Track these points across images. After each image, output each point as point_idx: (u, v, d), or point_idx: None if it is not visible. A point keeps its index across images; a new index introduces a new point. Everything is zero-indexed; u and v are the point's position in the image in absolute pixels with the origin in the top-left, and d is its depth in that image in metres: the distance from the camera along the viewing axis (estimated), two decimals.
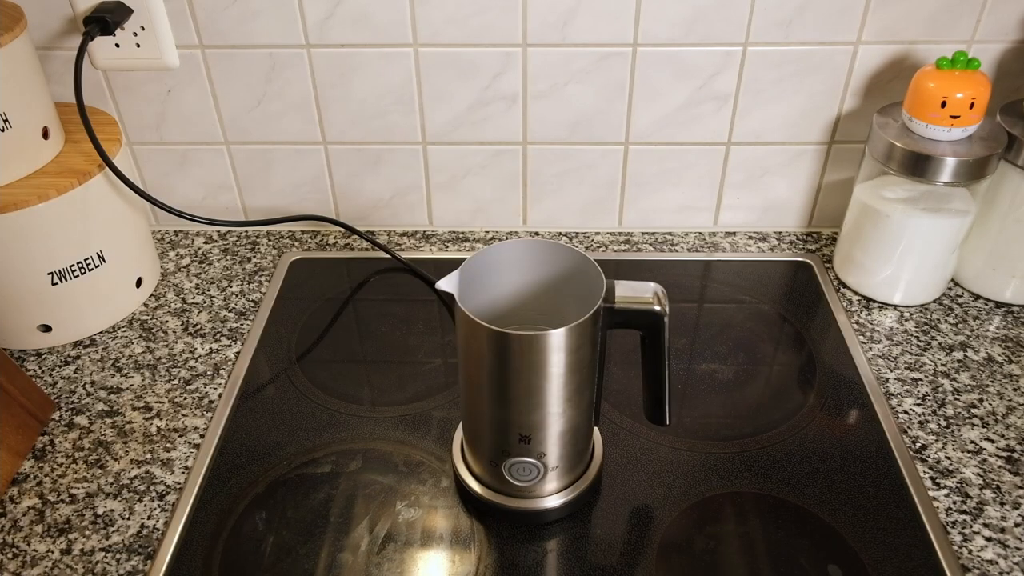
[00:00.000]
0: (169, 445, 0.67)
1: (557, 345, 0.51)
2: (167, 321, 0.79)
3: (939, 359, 0.74)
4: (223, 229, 0.92)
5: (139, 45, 0.78)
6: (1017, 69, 0.78)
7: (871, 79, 0.79)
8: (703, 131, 0.83)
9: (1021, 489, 0.62)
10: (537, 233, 0.91)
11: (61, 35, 0.79)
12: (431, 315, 0.80)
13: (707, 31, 0.77)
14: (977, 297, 0.81)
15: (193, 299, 0.82)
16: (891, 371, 0.73)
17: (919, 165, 0.71)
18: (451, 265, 0.53)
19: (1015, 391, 0.71)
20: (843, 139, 0.83)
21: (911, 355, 0.74)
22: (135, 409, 0.70)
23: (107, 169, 0.73)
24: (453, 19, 0.76)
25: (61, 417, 0.70)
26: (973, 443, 0.66)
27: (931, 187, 0.73)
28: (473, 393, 0.56)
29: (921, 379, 0.72)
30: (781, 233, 0.90)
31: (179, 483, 0.64)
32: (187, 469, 0.65)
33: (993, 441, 0.66)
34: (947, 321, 0.78)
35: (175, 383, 0.73)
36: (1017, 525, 0.60)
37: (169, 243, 0.90)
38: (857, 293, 0.82)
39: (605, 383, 0.63)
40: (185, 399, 0.71)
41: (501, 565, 0.58)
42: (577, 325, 0.50)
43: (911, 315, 0.79)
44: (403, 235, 0.91)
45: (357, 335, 0.78)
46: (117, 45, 0.78)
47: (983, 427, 0.67)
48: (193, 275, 0.86)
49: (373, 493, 0.63)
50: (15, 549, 0.59)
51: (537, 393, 0.53)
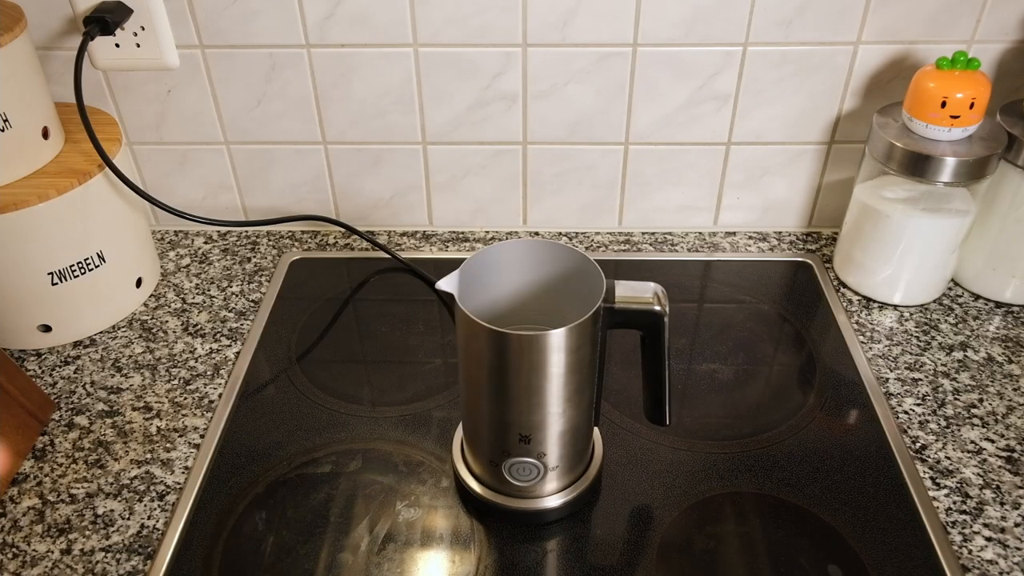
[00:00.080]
0: (169, 445, 0.67)
1: (557, 345, 0.51)
2: (167, 321, 0.79)
3: (939, 359, 0.74)
4: (223, 229, 0.92)
5: (139, 45, 0.78)
6: (1017, 69, 0.78)
7: (871, 79, 0.79)
8: (703, 131, 0.83)
9: (1021, 489, 0.62)
10: (537, 233, 0.91)
11: (61, 35, 0.79)
12: (431, 315, 0.80)
13: (707, 31, 0.77)
14: (977, 297, 0.81)
15: (193, 299, 0.82)
16: (891, 371, 0.73)
17: (919, 165, 0.71)
18: (451, 265, 0.53)
19: (1015, 391, 0.71)
20: (843, 139, 0.83)
21: (911, 355, 0.74)
22: (135, 409, 0.70)
23: (107, 169, 0.73)
24: (453, 19, 0.76)
25: (61, 417, 0.70)
26: (973, 443, 0.66)
27: (931, 187, 0.73)
28: (473, 393, 0.56)
29: (921, 379, 0.72)
30: (781, 233, 0.90)
31: (179, 483, 0.64)
32: (187, 469, 0.65)
33: (993, 441, 0.66)
34: (947, 321, 0.78)
35: (175, 383, 0.73)
36: (1017, 525, 0.60)
37: (169, 243, 0.90)
38: (857, 293, 0.82)
39: (605, 383, 0.63)
40: (185, 399, 0.71)
41: (501, 565, 0.58)
42: (577, 325, 0.50)
43: (911, 315, 0.79)
44: (403, 235, 0.91)
45: (357, 335, 0.78)
46: (117, 45, 0.78)
47: (983, 427, 0.67)
48: (193, 275, 0.86)
49: (373, 493, 0.63)
50: (15, 549, 0.59)
51: (537, 393, 0.53)
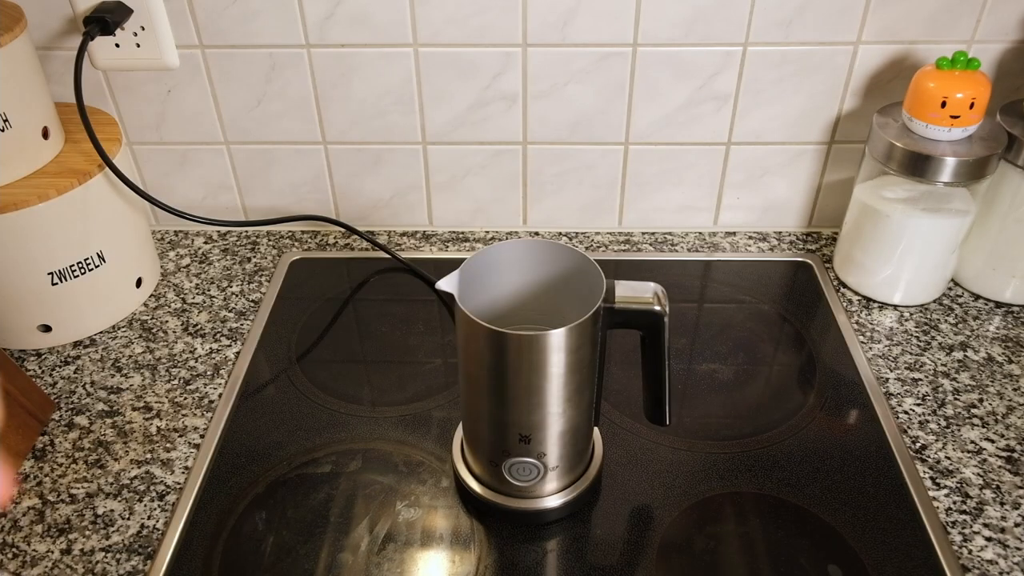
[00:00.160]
0: (169, 445, 0.67)
1: (557, 345, 0.51)
2: (167, 321, 0.79)
3: (939, 359, 0.74)
4: (223, 229, 0.92)
5: (139, 45, 0.78)
6: (1017, 69, 0.78)
7: (871, 79, 0.79)
8: (703, 131, 0.83)
9: (1021, 489, 0.62)
10: (537, 233, 0.91)
11: (61, 35, 0.79)
12: (431, 315, 0.80)
13: (707, 31, 0.77)
14: (977, 297, 0.81)
15: (193, 299, 0.82)
16: (891, 371, 0.73)
17: (919, 165, 0.71)
18: (451, 265, 0.53)
19: (1015, 391, 0.71)
20: (843, 139, 0.83)
21: (911, 355, 0.74)
22: (135, 409, 0.70)
23: (107, 169, 0.73)
24: (453, 19, 0.76)
25: (61, 417, 0.70)
26: (973, 443, 0.66)
27: (931, 187, 0.73)
28: (473, 393, 0.56)
29: (921, 379, 0.72)
30: (781, 233, 0.90)
31: (179, 483, 0.64)
32: (187, 469, 0.65)
33: (993, 441, 0.66)
34: (947, 321, 0.78)
35: (175, 383, 0.73)
36: (1017, 525, 0.60)
37: (169, 243, 0.90)
38: (857, 293, 0.82)
39: (605, 383, 0.63)
40: (185, 399, 0.71)
41: (501, 565, 0.58)
42: (577, 325, 0.50)
43: (911, 315, 0.79)
44: (403, 235, 0.91)
45: (357, 335, 0.78)
46: (117, 45, 0.78)
47: (983, 427, 0.67)
48: (193, 275, 0.86)
49: (373, 493, 0.63)
50: (15, 549, 0.59)
51: (537, 393, 0.53)
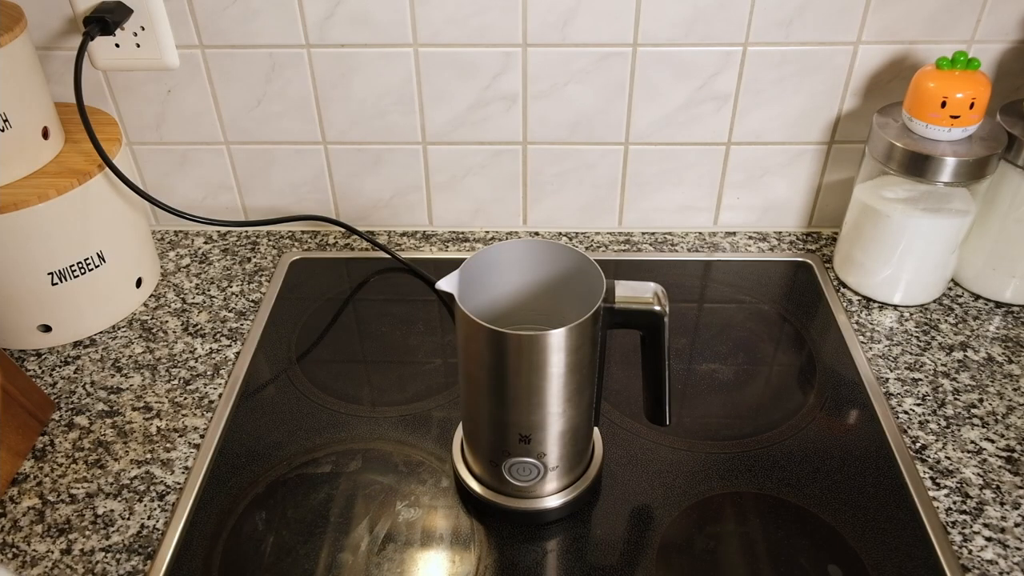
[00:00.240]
0: (169, 445, 0.67)
1: (557, 345, 0.51)
2: (167, 321, 0.79)
3: (939, 359, 0.74)
4: (223, 229, 0.92)
5: (139, 45, 0.78)
6: (1017, 69, 0.78)
7: (871, 79, 0.79)
8: (703, 131, 0.83)
9: (1021, 489, 0.62)
10: (537, 233, 0.91)
11: (61, 35, 0.79)
12: (431, 315, 0.80)
13: (707, 31, 0.77)
14: (977, 297, 0.81)
15: (193, 299, 0.82)
16: (891, 371, 0.73)
17: (919, 165, 0.71)
18: (451, 265, 0.53)
19: (1015, 391, 0.71)
20: (843, 139, 0.83)
21: (911, 355, 0.74)
22: (135, 409, 0.70)
23: (107, 169, 0.73)
24: (453, 19, 0.76)
25: (61, 417, 0.70)
26: (973, 443, 0.66)
27: (931, 187, 0.73)
28: (473, 393, 0.56)
29: (921, 379, 0.72)
30: (781, 233, 0.90)
31: (179, 483, 0.64)
32: (187, 469, 0.65)
33: (993, 441, 0.66)
34: (947, 321, 0.78)
35: (175, 383, 0.73)
36: (1017, 525, 0.60)
37: (169, 243, 0.90)
38: (857, 293, 0.82)
39: (605, 383, 0.63)
40: (185, 399, 0.71)
41: (501, 565, 0.58)
42: (577, 325, 0.50)
43: (911, 315, 0.79)
44: (403, 235, 0.91)
45: (357, 335, 0.78)
46: (117, 45, 0.78)
47: (983, 427, 0.67)
48: (193, 275, 0.86)
49: (373, 493, 0.63)
50: (15, 549, 0.59)
51: (537, 393, 0.53)
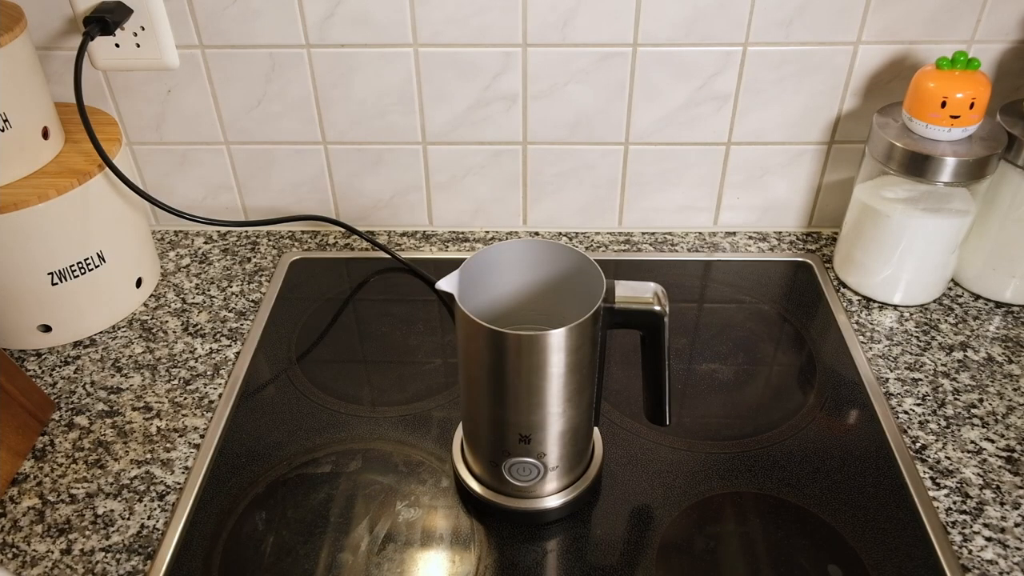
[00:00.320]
0: (169, 445, 0.67)
1: (557, 345, 0.51)
2: (167, 321, 0.79)
3: (939, 359, 0.74)
4: (223, 229, 0.92)
5: (139, 45, 0.78)
6: (1017, 69, 0.78)
7: (871, 79, 0.79)
8: (703, 131, 0.83)
9: (1021, 489, 0.62)
10: (537, 233, 0.91)
11: (61, 35, 0.79)
12: (431, 315, 0.80)
13: (707, 31, 0.77)
14: (977, 297, 0.81)
15: (193, 299, 0.82)
16: (891, 371, 0.73)
17: (919, 165, 0.71)
18: (451, 265, 0.53)
19: (1015, 391, 0.71)
20: (843, 139, 0.83)
21: (911, 355, 0.74)
22: (135, 409, 0.70)
23: (107, 169, 0.73)
24: (453, 19, 0.76)
25: (61, 417, 0.70)
26: (973, 443, 0.66)
27: (931, 187, 0.73)
28: (473, 393, 0.56)
29: (921, 379, 0.72)
30: (781, 233, 0.90)
31: (179, 483, 0.64)
32: (187, 469, 0.65)
33: (993, 441, 0.66)
34: (947, 321, 0.78)
35: (175, 383, 0.73)
36: (1017, 525, 0.60)
37: (169, 243, 0.90)
38: (857, 293, 0.82)
39: (605, 383, 0.63)
40: (185, 399, 0.71)
41: (501, 565, 0.58)
42: (577, 325, 0.50)
43: (911, 315, 0.79)
44: (403, 235, 0.91)
45: (357, 335, 0.78)
46: (117, 45, 0.78)
47: (983, 427, 0.67)
48: (193, 275, 0.86)
49: (373, 493, 0.63)
50: (15, 549, 0.59)
51: (537, 393, 0.53)
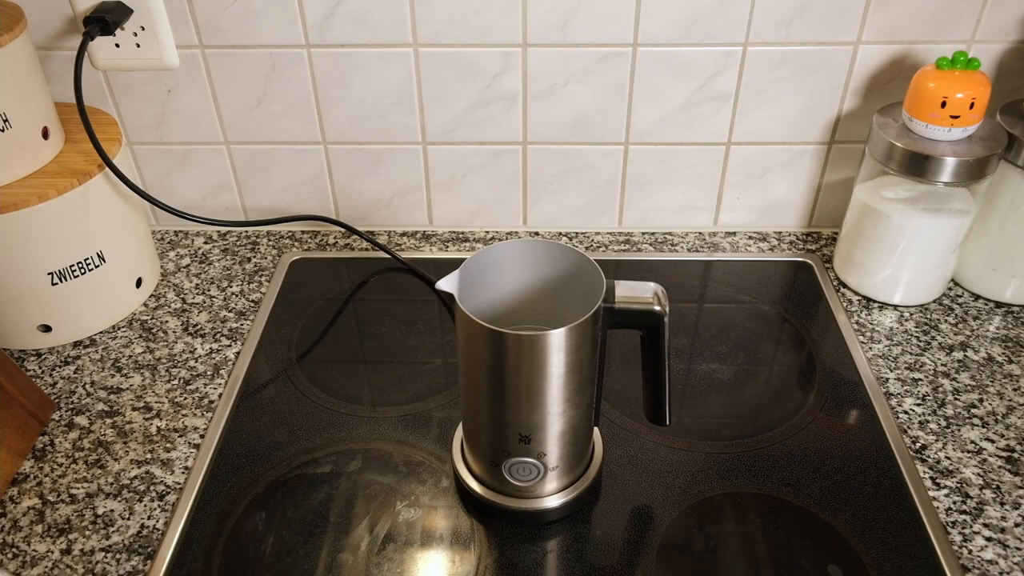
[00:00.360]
0: (169, 445, 0.67)
1: (557, 345, 0.51)
2: (167, 321, 0.79)
3: (939, 359, 0.74)
4: (223, 229, 0.92)
5: (139, 45, 0.78)
6: (1017, 69, 0.78)
7: (871, 79, 0.79)
8: (703, 131, 0.83)
9: (1021, 489, 0.62)
10: (537, 233, 0.91)
11: (61, 35, 0.79)
12: (431, 315, 0.80)
13: (707, 31, 0.77)
14: (977, 297, 0.81)
15: (193, 299, 0.82)
16: (891, 371, 0.73)
17: (919, 165, 0.71)
18: (451, 265, 0.53)
19: (1015, 391, 0.71)
20: (843, 139, 0.83)
21: (911, 355, 0.74)
22: (135, 409, 0.70)
23: (107, 169, 0.73)
24: (453, 19, 0.76)
25: (61, 417, 0.70)
26: (973, 443, 0.66)
27: (931, 187, 0.73)
28: (473, 393, 0.56)
29: (921, 379, 0.72)
30: (781, 233, 0.90)
31: (179, 483, 0.64)
32: (187, 469, 0.65)
33: (993, 441, 0.66)
34: (947, 321, 0.78)
35: (175, 383, 0.73)
36: (1017, 525, 0.60)
37: (169, 243, 0.90)
38: (857, 293, 0.82)
39: (605, 383, 0.63)
40: (185, 399, 0.71)
41: (501, 565, 0.58)
42: (577, 325, 0.50)
43: (911, 315, 0.79)
44: (403, 235, 0.91)
45: (357, 335, 0.78)
46: (117, 45, 0.78)
47: (983, 427, 0.67)
48: (193, 275, 0.86)
49: (373, 493, 0.63)
50: (15, 549, 0.59)
51: (537, 393, 0.53)
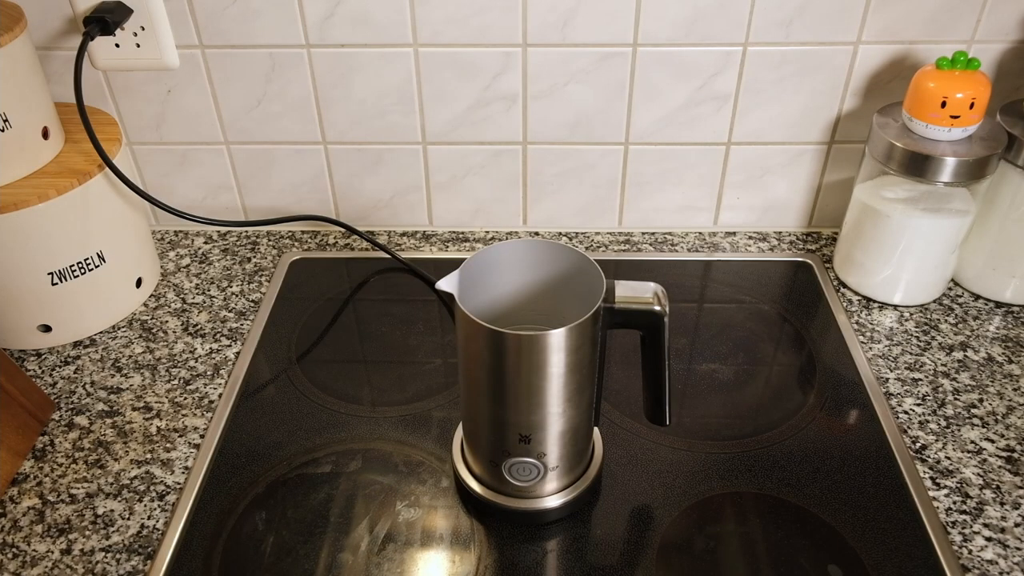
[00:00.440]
0: (169, 445, 0.67)
1: (557, 345, 0.51)
2: (167, 321, 0.79)
3: (939, 359, 0.74)
4: (223, 229, 0.92)
5: (139, 45, 0.78)
6: (1017, 69, 0.78)
7: (871, 79, 0.79)
8: (703, 131, 0.83)
9: (1021, 489, 0.62)
10: (537, 233, 0.91)
11: (61, 35, 0.79)
12: (431, 315, 0.80)
13: (707, 31, 0.77)
14: (977, 297, 0.81)
15: (193, 299, 0.82)
16: (891, 371, 0.73)
17: (919, 165, 0.71)
18: (451, 265, 0.53)
19: (1015, 391, 0.71)
20: (843, 139, 0.83)
21: (911, 355, 0.74)
22: (135, 409, 0.70)
23: (107, 169, 0.73)
24: (453, 19, 0.76)
25: (61, 417, 0.70)
26: (973, 443, 0.66)
27: (931, 187, 0.73)
28: (473, 393, 0.56)
29: (921, 379, 0.72)
30: (781, 233, 0.90)
31: (179, 483, 0.64)
32: (187, 469, 0.65)
33: (993, 441, 0.66)
34: (947, 321, 0.78)
35: (175, 383, 0.73)
36: (1017, 525, 0.60)
37: (169, 243, 0.90)
38: (857, 293, 0.82)
39: (605, 383, 0.63)
40: (185, 399, 0.71)
41: (501, 565, 0.58)
42: (577, 325, 0.50)
43: (911, 315, 0.79)
44: (403, 235, 0.91)
45: (357, 335, 0.78)
46: (117, 45, 0.78)
47: (983, 427, 0.67)
48: (193, 275, 0.86)
49: (373, 493, 0.63)
50: (15, 549, 0.59)
51: (537, 393, 0.53)
